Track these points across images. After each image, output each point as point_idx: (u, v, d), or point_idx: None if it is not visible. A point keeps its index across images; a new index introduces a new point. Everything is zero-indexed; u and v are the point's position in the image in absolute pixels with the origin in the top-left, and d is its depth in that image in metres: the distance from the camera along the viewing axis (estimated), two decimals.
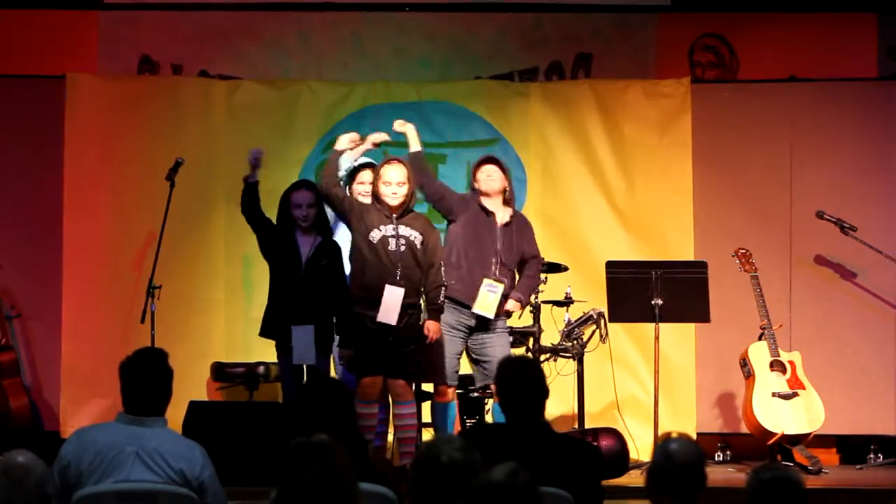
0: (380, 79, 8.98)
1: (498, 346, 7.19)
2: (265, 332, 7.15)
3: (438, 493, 3.42)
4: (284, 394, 7.21)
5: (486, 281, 7.17)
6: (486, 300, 7.17)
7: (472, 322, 7.22)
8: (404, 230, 7.03)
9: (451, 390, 7.29)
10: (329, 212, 7.26)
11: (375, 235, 6.99)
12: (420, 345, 7.10)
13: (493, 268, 7.20)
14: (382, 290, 6.93)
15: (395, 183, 7.02)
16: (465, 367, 7.51)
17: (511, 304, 7.29)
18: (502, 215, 7.32)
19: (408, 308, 6.99)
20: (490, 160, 7.36)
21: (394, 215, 7.02)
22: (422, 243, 7.05)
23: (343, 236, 7.31)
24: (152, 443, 4.44)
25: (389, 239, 6.98)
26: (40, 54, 9.00)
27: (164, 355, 4.61)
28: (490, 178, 7.26)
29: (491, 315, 7.17)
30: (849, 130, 8.75)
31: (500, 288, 7.17)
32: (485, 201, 7.30)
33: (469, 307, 7.18)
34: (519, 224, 7.40)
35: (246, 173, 7.21)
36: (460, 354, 7.29)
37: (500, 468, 3.26)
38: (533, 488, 3.25)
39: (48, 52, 9.00)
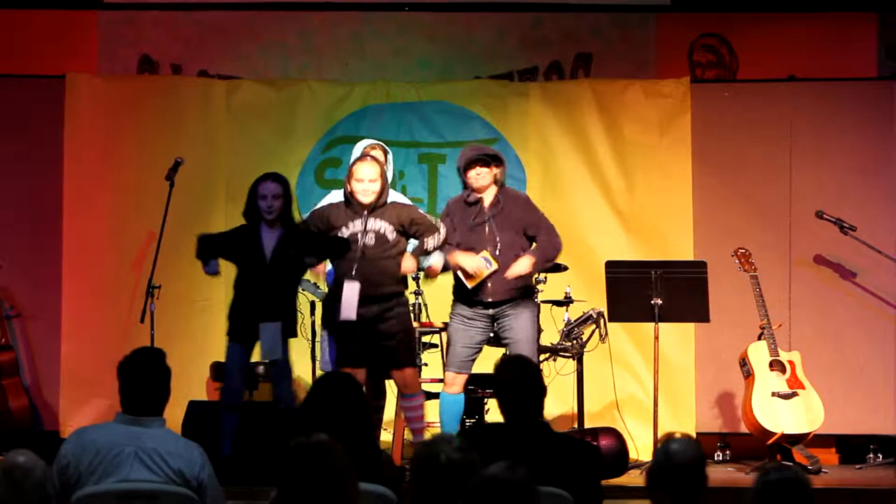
0: (380, 79, 8.98)
1: (517, 329, 7.08)
2: (234, 335, 7.03)
3: (437, 493, 3.43)
4: (225, 384, 7.10)
5: (483, 253, 7.10)
6: (476, 263, 7.05)
7: (490, 311, 7.13)
8: (374, 223, 6.94)
9: (460, 377, 7.24)
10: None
11: (343, 234, 6.94)
12: (404, 335, 7.03)
13: (491, 253, 7.12)
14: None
15: (367, 180, 6.94)
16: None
17: (520, 263, 7.07)
18: (488, 198, 7.19)
19: (391, 297, 6.96)
20: (477, 162, 7.15)
21: (364, 211, 6.96)
22: (396, 230, 6.93)
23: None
24: (151, 442, 4.44)
25: (357, 235, 6.93)
26: (40, 54, 9.00)
27: (162, 355, 4.61)
28: (479, 176, 7.18)
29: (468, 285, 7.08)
30: (849, 130, 8.76)
31: (494, 266, 7.05)
32: (476, 196, 7.23)
33: (481, 301, 7.14)
34: (507, 199, 7.21)
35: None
36: (478, 345, 7.17)
37: (496, 464, 3.27)
38: (530, 483, 3.25)
39: (48, 52, 9.01)
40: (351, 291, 6.87)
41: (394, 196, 7.32)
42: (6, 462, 3.96)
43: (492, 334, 7.22)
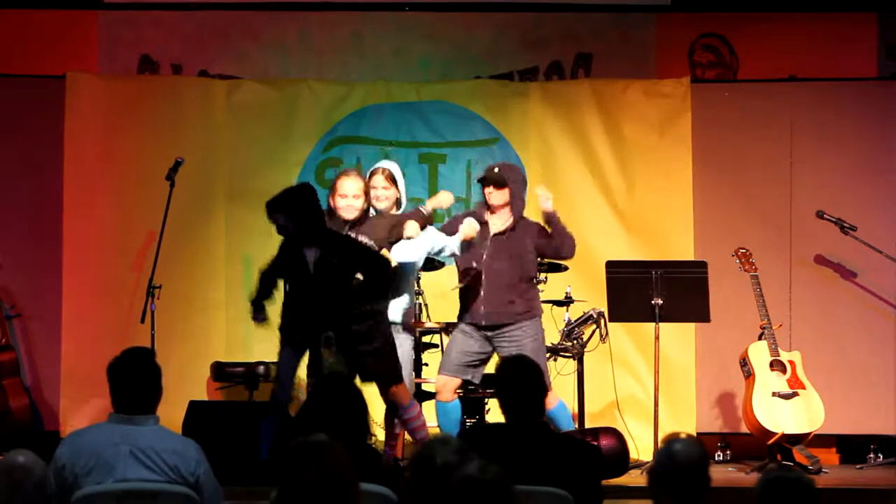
0: (380, 79, 8.98)
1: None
2: (286, 341, 6.96)
3: (434, 495, 3.42)
4: (276, 387, 7.04)
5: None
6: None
7: (488, 333, 7.17)
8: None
9: (451, 382, 7.23)
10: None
11: None
12: (381, 349, 6.94)
13: (485, 277, 7.12)
14: None
15: (350, 195, 6.91)
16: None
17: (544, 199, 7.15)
18: (499, 223, 7.25)
19: (373, 315, 6.86)
20: (487, 182, 7.21)
21: (346, 225, 6.90)
22: (379, 245, 6.89)
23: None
24: (145, 440, 4.45)
25: None
26: (40, 54, 9.00)
27: (152, 354, 4.64)
28: (491, 195, 7.23)
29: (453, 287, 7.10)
30: (849, 130, 8.76)
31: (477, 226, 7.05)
32: (488, 215, 7.26)
33: (474, 324, 7.15)
34: (523, 228, 7.27)
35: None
36: (475, 355, 7.20)
37: (470, 464, 3.26)
38: (505, 481, 3.24)
39: (48, 52, 9.00)
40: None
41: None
42: (6, 462, 3.96)
43: (491, 351, 7.25)
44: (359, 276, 6.76)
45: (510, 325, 7.17)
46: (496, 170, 7.30)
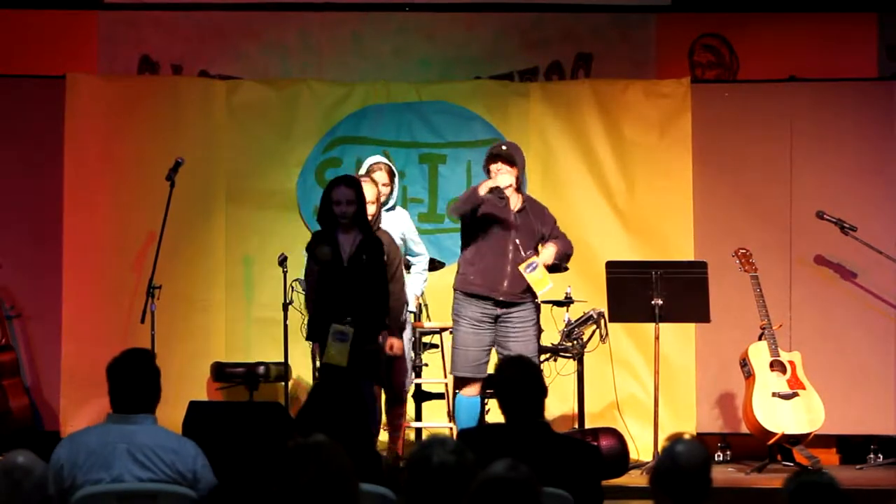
0: (380, 79, 8.98)
1: (520, 342, 7.10)
2: (311, 336, 6.98)
3: (430, 495, 3.42)
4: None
5: (521, 267, 7.10)
6: (537, 279, 7.08)
7: (498, 311, 7.15)
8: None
9: (477, 385, 7.23)
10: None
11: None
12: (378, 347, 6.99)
13: (511, 253, 7.15)
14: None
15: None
16: None
17: (548, 249, 7.16)
18: (515, 201, 7.24)
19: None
20: (497, 158, 7.19)
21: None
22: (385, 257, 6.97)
23: None
24: (142, 439, 4.48)
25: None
26: (40, 54, 9.00)
27: (151, 355, 4.65)
28: (500, 171, 7.19)
29: (547, 287, 7.08)
30: (849, 130, 8.75)
31: (536, 261, 7.08)
32: (504, 193, 7.25)
33: (492, 299, 7.14)
34: (533, 207, 7.31)
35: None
36: (489, 346, 7.19)
37: (499, 463, 3.27)
38: (533, 481, 3.25)
39: (48, 52, 9.00)
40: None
41: (400, 215, 7.40)
42: (6, 462, 3.96)
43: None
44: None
45: (520, 304, 7.14)
46: (504, 147, 7.26)
